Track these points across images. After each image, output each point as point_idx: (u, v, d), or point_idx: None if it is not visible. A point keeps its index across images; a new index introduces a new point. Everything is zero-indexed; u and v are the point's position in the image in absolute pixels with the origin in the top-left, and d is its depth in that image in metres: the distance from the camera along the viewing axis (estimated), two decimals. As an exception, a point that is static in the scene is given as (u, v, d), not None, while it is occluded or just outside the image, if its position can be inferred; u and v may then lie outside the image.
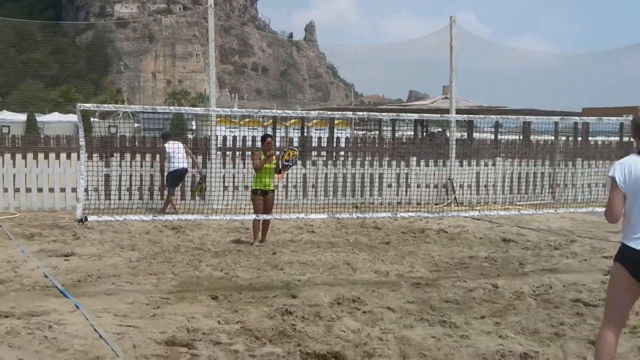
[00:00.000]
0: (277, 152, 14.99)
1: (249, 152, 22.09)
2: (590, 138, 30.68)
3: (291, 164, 14.66)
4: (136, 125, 52.53)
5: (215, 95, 24.16)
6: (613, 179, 6.19)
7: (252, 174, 14.99)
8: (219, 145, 21.66)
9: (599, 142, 29.81)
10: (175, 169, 18.98)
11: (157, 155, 20.41)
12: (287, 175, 19.80)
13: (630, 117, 6.64)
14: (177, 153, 19.09)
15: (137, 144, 24.15)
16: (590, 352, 7.46)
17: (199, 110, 17.66)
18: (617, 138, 31.18)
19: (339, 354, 7.34)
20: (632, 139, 6.60)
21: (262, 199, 14.52)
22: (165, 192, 19.47)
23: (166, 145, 19.30)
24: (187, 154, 19.50)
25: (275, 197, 15.27)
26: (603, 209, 6.38)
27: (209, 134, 22.24)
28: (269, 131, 34.49)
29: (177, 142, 19.71)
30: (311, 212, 15.47)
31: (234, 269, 11.98)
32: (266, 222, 14.58)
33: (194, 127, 41.56)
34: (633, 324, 8.56)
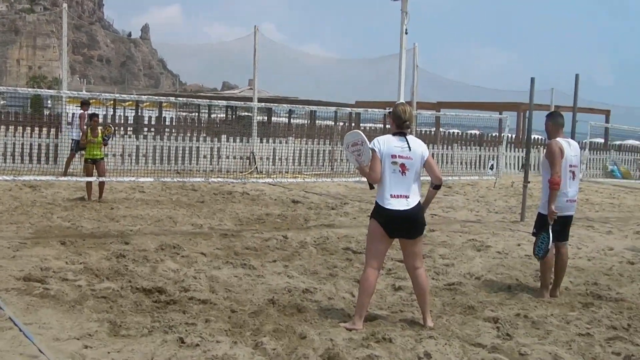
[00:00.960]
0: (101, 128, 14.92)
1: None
2: (361, 124, 31.55)
3: (107, 138, 14.68)
4: (1, 102, 49.79)
5: (67, 80, 23.75)
6: (373, 149, 6.34)
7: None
8: (68, 120, 20.97)
9: (367, 128, 30.66)
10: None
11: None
12: (123, 146, 20.39)
13: (390, 109, 6.82)
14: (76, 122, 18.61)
15: (1, 117, 23.37)
16: (356, 288, 7.67)
17: (52, 92, 17.01)
18: (381, 125, 32.20)
19: (162, 289, 7.27)
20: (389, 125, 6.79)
21: (93, 166, 14.37)
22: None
23: (83, 113, 18.23)
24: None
25: (114, 163, 15.04)
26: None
27: (61, 111, 21.91)
28: (109, 111, 33.70)
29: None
30: (142, 176, 15.76)
31: (79, 221, 11.70)
32: (102, 184, 14.22)
33: (49, 105, 39.87)
34: (388, 267, 8.87)
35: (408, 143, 6.35)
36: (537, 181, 22.35)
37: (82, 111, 18.62)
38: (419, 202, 6.36)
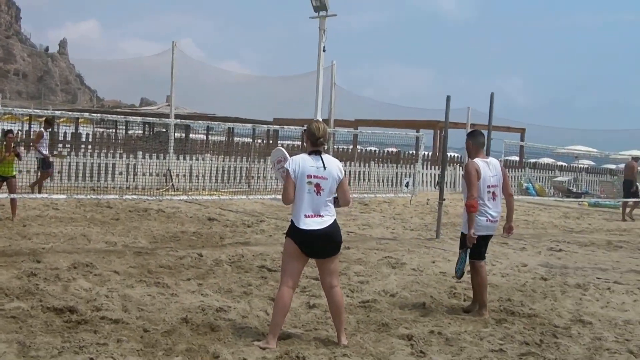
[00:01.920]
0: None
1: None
2: (279, 141, 31.65)
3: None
4: None
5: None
6: (287, 171, 6.43)
7: None
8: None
9: (285, 145, 30.76)
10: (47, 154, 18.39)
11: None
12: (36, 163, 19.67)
13: (306, 127, 6.92)
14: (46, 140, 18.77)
15: None
16: (270, 306, 7.72)
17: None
18: (299, 142, 32.38)
19: (73, 308, 7.14)
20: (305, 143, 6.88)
21: (2, 183, 14.08)
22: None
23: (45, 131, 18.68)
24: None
25: (27, 180, 15.82)
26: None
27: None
28: (24, 126, 32.90)
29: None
30: (55, 193, 15.36)
31: (-12, 239, 11.35)
32: (13, 201, 13.82)
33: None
34: (303, 285, 8.95)
35: (323, 162, 6.42)
36: (453, 198, 23.03)
37: (42, 129, 18.89)
38: (334, 220, 6.46)
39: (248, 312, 7.57)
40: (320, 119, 16.99)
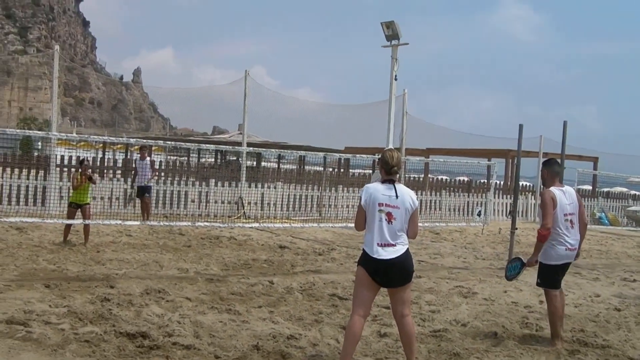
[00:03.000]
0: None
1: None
2: (350, 170, 31.69)
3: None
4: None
5: (57, 122, 23.85)
6: (360, 199, 6.40)
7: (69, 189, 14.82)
8: (57, 163, 21.39)
9: (356, 174, 30.82)
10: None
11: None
12: (111, 189, 20.76)
13: (379, 155, 6.89)
14: None
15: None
16: (341, 335, 7.67)
17: (41, 133, 17.00)
18: (370, 171, 32.33)
19: (145, 333, 7.23)
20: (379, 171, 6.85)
21: (77, 210, 14.45)
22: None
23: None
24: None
25: (101, 206, 14.94)
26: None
27: (49, 153, 21.91)
28: (99, 154, 33.79)
29: None
30: (129, 219, 15.67)
31: (64, 263, 11.67)
32: (86, 227, 14.16)
33: (39, 147, 40.04)
34: (374, 313, 8.85)
35: (396, 191, 6.37)
36: (525, 228, 22.58)
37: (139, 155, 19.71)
38: (407, 249, 6.37)
39: (319, 340, 7.52)
40: (392, 147, 16.93)
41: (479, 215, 21.25)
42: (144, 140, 27.90)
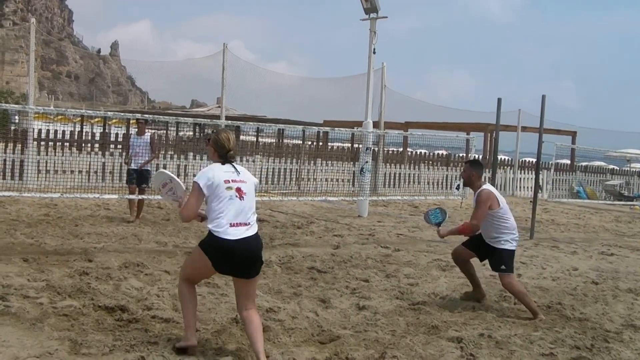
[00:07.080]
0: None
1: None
2: (329, 143, 31.65)
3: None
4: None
5: (34, 96, 23.51)
6: (196, 182, 5.74)
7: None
8: (34, 136, 21.23)
9: (335, 147, 30.80)
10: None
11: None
12: (89, 163, 20.47)
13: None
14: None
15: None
16: (320, 308, 7.73)
17: (18, 107, 16.73)
18: (348, 145, 32.34)
19: (124, 307, 7.22)
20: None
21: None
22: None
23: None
24: None
25: (79, 180, 15.06)
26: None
27: (27, 126, 21.63)
28: (76, 127, 33.57)
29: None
30: (107, 193, 15.64)
31: (42, 237, 11.58)
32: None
33: (16, 121, 39.57)
34: (353, 287, 8.88)
35: (235, 168, 5.90)
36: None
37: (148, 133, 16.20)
38: (258, 233, 5.87)
39: (298, 313, 7.56)
40: (227, 129, 16.96)
41: (457, 188, 21.36)
42: (122, 114, 27.74)
